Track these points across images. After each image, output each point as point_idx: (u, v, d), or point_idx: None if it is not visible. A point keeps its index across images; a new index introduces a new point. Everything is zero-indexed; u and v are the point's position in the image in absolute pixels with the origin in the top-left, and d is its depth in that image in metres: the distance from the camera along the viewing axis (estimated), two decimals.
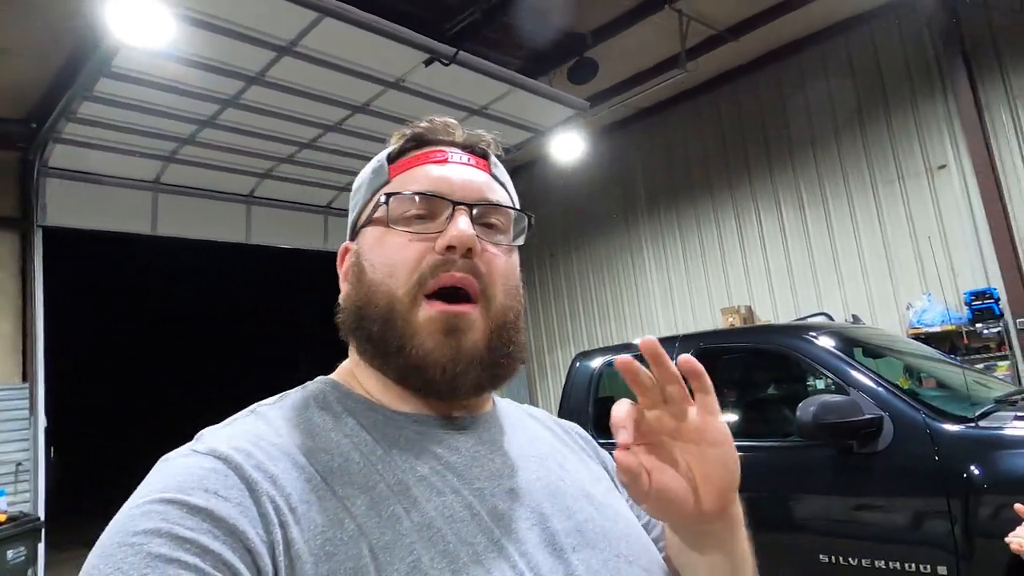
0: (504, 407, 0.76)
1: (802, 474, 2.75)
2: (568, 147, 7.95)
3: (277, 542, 0.50)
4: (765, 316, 8.27)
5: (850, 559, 2.51)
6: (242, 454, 0.55)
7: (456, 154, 0.71)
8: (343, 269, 0.71)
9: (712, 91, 8.68)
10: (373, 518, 0.54)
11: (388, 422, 0.63)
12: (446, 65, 5.63)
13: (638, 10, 6.55)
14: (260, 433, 0.58)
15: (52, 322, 6.61)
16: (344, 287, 0.70)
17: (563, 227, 10.62)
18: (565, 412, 3.74)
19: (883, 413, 2.51)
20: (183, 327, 14.20)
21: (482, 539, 0.56)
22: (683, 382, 0.56)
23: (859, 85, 7.58)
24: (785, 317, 7.92)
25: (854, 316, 4.10)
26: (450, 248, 0.63)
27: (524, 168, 10.79)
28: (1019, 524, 1.57)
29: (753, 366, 4.08)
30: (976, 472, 2.27)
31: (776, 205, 8.26)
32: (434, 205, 0.66)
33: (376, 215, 0.68)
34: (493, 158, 0.76)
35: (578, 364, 3.88)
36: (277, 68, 5.44)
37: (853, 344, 3.25)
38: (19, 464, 6.16)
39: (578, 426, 0.83)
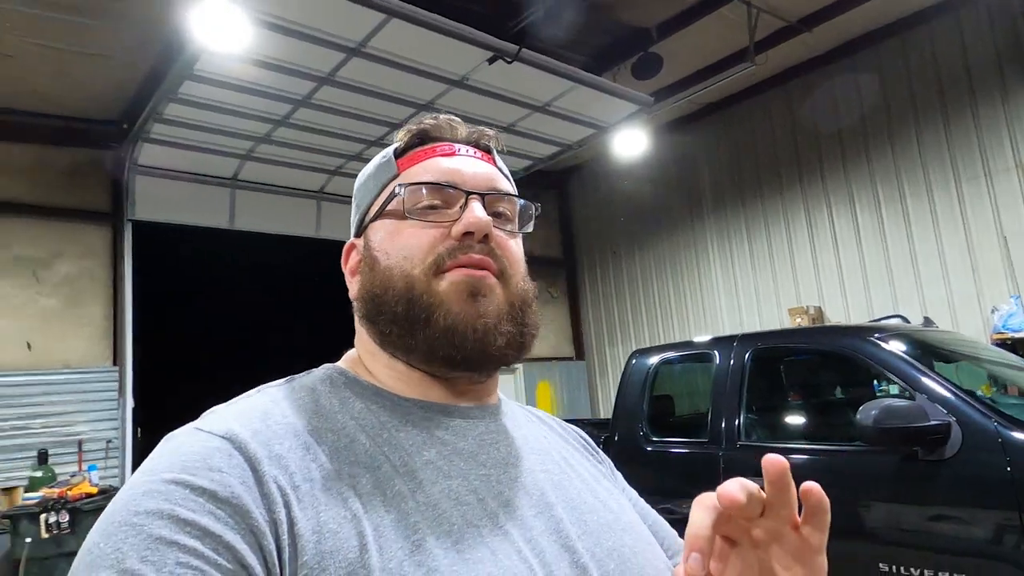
0: (509, 404, 0.76)
1: (864, 480, 2.67)
2: (631, 143, 7.88)
3: (280, 521, 0.50)
4: (836, 317, 7.97)
5: (912, 570, 2.42)
6: (247, 432, 0.55)
7: (462, 147, 0.72)
8: (350, 266, 0.72)
9: (782, 84, 8.41)
10: (377, 497, 0.54)
11: (395, 406, 0.63)
12: (509, 63, 5.69)
13: (705, 3, 6.42)
14: (266, 411, 0.58)
15: (140, 310, 7.07)
16: (355, 282, 0.70)
17: (626, 224, 10.53)
18: (620, 409, 3.74)
19: (951, 419, 2.40)
20: (258, 316, 14.85)
21: (487, 523, 0.56)
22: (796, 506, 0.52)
23: (943, 76, 7.19)
24: (858, 319, 7.61)
25: (926, 319, 3.92)
26: (467, 234, 0.64)
27: (586, 165, 10.76)
28: None
29: (816, 368, 3.97)
30: None
31: (850, 202, 7.94)
32: (447, 195, 0.67)
33: (389, 207, 0.68)
34: (495, 152, 0.77)
35: (634, 361, 3.87)
36: (347, 69, 5.63)
37: (923, 348, 3.12)
38: (109, 441, 6.63)
39: (579, 429, 0.85)
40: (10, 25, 5.39)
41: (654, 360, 3.80)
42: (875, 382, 3.68)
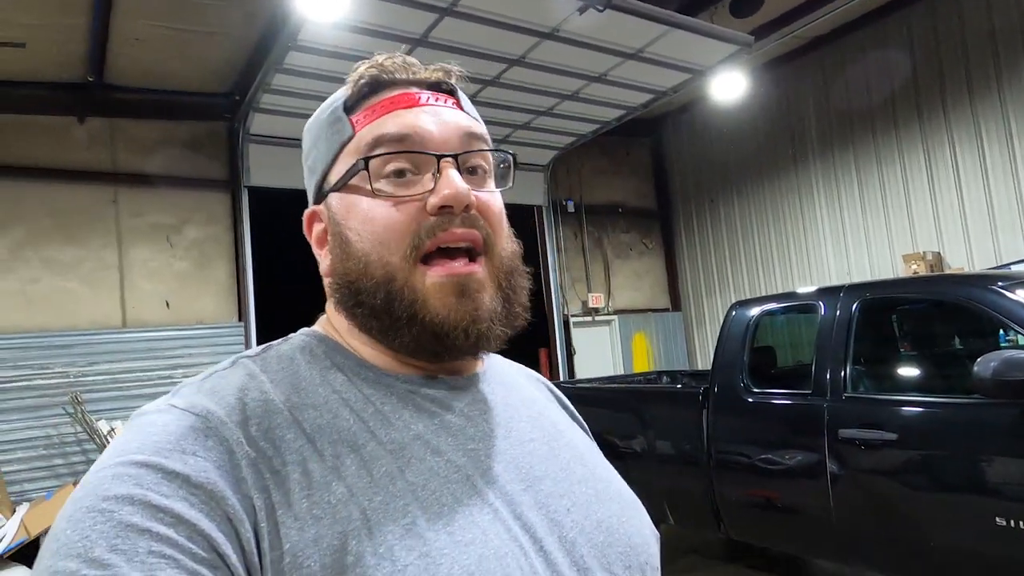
0: (497, 365, 0.71)
1: (981, 433, 2.58)
2: (730, 86, 7.54)
3: (259, 507, 0.48)
4: (957, 264, 7.44)
5: None
6: (223, 410, 0.52)
7: (423, 94, 0.62)
8: (315, 237, 0.65)
9: (901, 10, 7.73)
10: (364, 478, 0.51)
11: (379, 380, 0.59)
12: (601, 11, 5.57)
13: None
14: (243, 387, 0.55)
15: (258, 270, 7.64)
16: (325, 258, 0.64)
17: (723, 171, 10.16)
18: (720, 361, 3.74)
19: None
20: None
21: (477, 501, 0.54)
22: None
23: None
24: (982, 265, 7.07)
25: None
26: (444, 208, 0.58)
27: (681, 111, 10.40)
28: None
29: (931, 319, 3.79)
30: None
31: (977, 137, 7.29)
32: (416, 159, 0.59)
33: (352, 181, 0.60)
34: (460, 92, 0.67)
35: (734, 313, 3.83)
36: (439, 29, 5.71)
37: None
38: None
39: (545, 379, 0.81)
40: (141, 12, 5.84)
41: (755, 311, 3.75)
42: (1000, 333, 3.48)
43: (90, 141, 7.03)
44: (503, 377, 0.70)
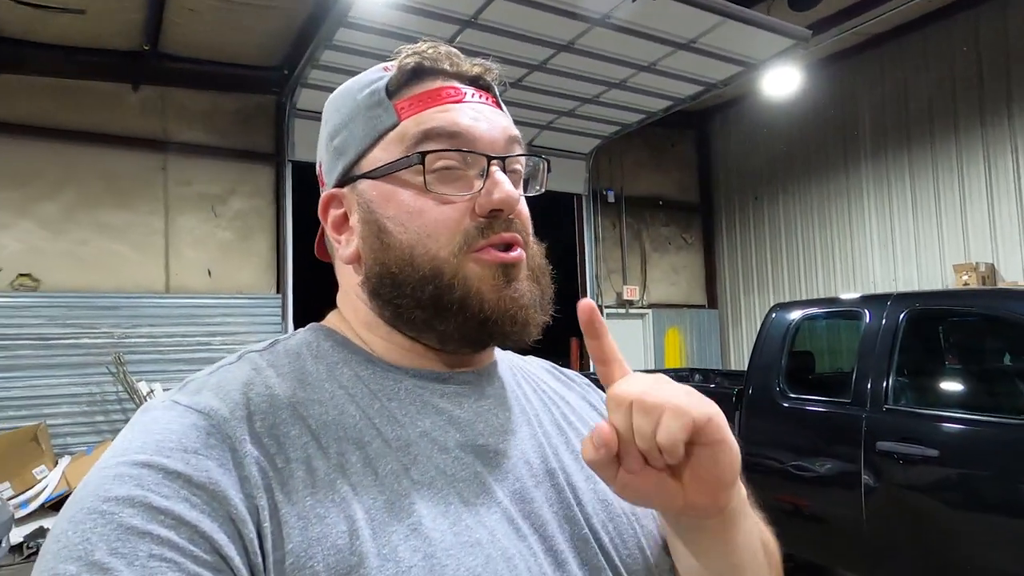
0: (507, 358, 0.70)
1: None
2: (783, 81, 7.34)
3: (263, 507, 0.47)
4: (1012, 277, 7.16)
5: None
6: (227, 407, 0.51)
7: (468, 90, 0.61)
8: (333, 221, 0.62)
9: (968, 9, 7.41)
10: (369, 476, 0.51)
11: (386, 374, 0.58)
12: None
13: None
14: (248, 382, 0.54)
15: (300, 244, 7.75)
16: (347, 245, 0.61)
17: (770, 168, 9.93)
18: (756, 363, 3.67)
19: None
20: None
21: (485, 499, 0.53)
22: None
23: None
24: None
25: None
26: (494, 211, 0.57)
27: (730, 104, 10.18)
28: None
29: (982, 333, 3.65)
30: None
31: None
32: (465, 158, 0.58)
33: (401, 173, 0.58)
34: (496, 90, 0.66)
35: (774, 315, 3.75)
36: (489, 11, 5.67)
37: None
38: None
39: (580, 375, 0.79)
40: None
41: (796, 315, 3.66)
42: None
43: (142, 109, 7.19)
44: (515, 369, 0.69)
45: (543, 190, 0.66)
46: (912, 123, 8.12)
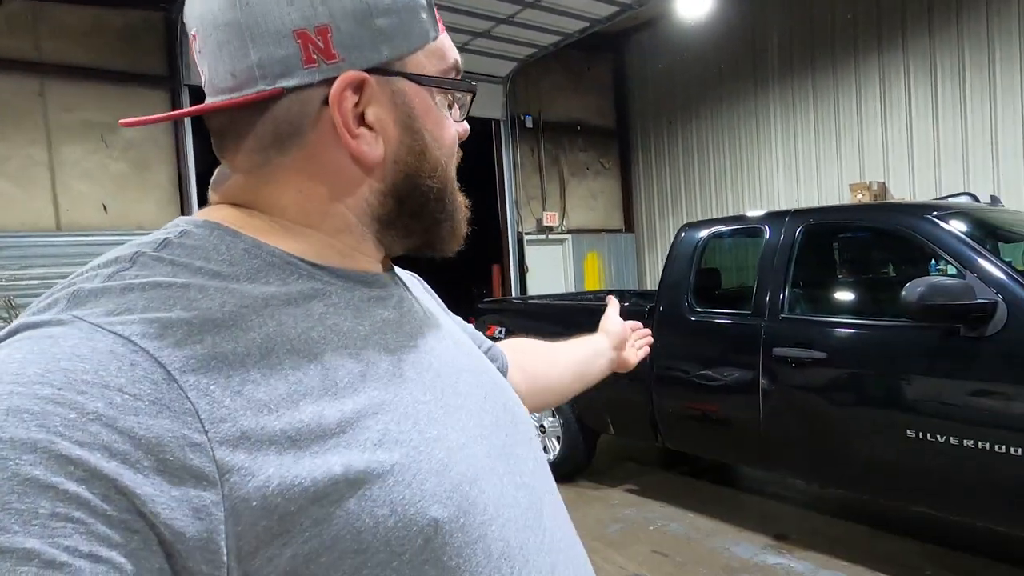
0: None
1: (903, 354, 2.74)
2: (695, 4, 7.37)
3: (216, 443, 0.40)
4: (900, 194, 7.68)
5: (937, 436, 2.55)
6: (150, 325, 0.42)
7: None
8: (349, 111, 0.52)
9: None
10: (330, 389, 0.46)
11: (313, 277, 0.52)
12: None
13: None
14: (168, 296, 0.44)
15: (206, 174, 7.33)
16: (381, 147, 0.54)
17: (684, 92, 10.07)
18: (667, 280, 3.83)
19: (998, 298, 2.42)
20: None
21: (439, 395, 0.54)
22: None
23: None
24: (924, 196, 7.32)
25: (993, 197, 3.77)
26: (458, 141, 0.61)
27: (645, 27, 10.14)
28: None
29: (870, 246, 3.93)
30: None
31: (932, 69, 7.37)
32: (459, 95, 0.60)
33: (445, 91, 0.58)
34: None
35: (684, 234, 3.89)
36: None
37: (985, 228, 3.05)
38: None
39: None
40: None
41: (704, 233, 3.82)
42: (932, 262, 3.64)
43: (9, 25, 6.45)
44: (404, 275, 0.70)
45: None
46: (816, 48, 8.37)
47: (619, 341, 1.13)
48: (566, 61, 10.12)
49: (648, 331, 1.23)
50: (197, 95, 7.22)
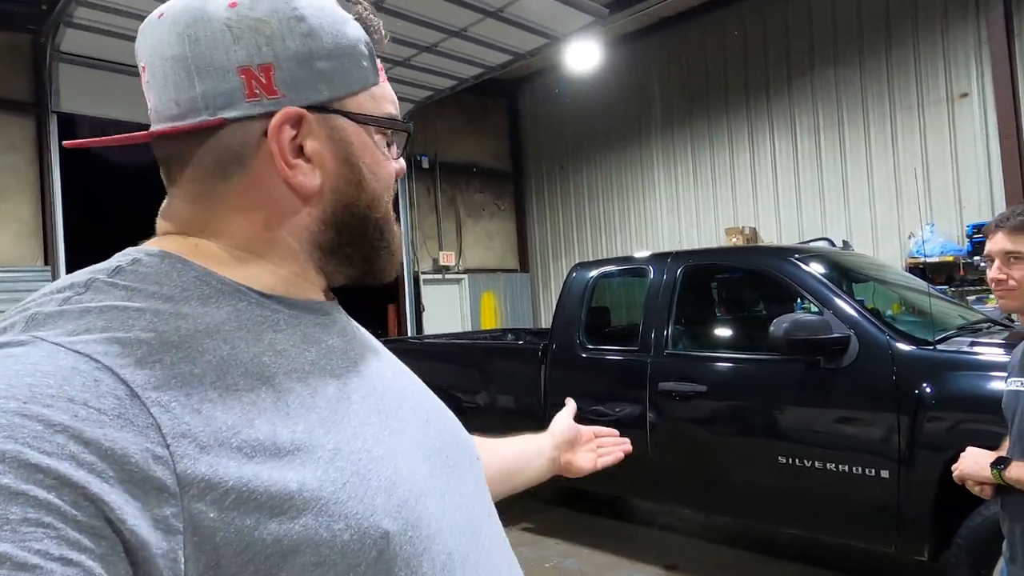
0: None
1: (773, 386, 2.97)
2: (584, 56, 7.79)
3: (179, 456, 0.41)
4: (768, 238, 8.35)
5: (805, 461, 2.76)
6: (111, 345, 0.43)
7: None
8: (287, 143, 0.55)
9: (736, 3, 8.37)
10: (283, 410, 0.48)
11: (261, 305, 0.54)
12: None
13: None
14: (126, 318, 0.46)
15: (72, 206, 6.80)
16: (318, 178, 0.57)
17: (575, 138, 10.54)
18: (559, 319, 3.95)
19: (850, 333, 2.68)
20: None
21: (380, 420, 0.56)
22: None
23: (891, 4, 7.30)
24: (788, 240, 8.01)
25: (844, 242, 4.21)
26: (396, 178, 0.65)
27: (538, 76, 10.57)
28: (959, 447, 1.71)
29: (743, 286, 4.25)
30: (927, 390, 2.46)
31: (791, 126, 8.16)
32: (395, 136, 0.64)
33: (374, 128, 0.60)
34: None
35: (575, 274, 4.05)
36: None
37: (839, 269, 3.39)
38: None
39: None
40: None
41: (594, 273, 3.98)
42: (799, 300, 3.98)
43: None
44: None
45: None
46: (694, 101, 9.06)
47: (565, 443, 1.05)
48: (463, 104, 10.34)
49: (625, 440, 1.13)
50: (65, 123, 6.76)
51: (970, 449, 1.61)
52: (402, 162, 0.65)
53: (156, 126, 0.56)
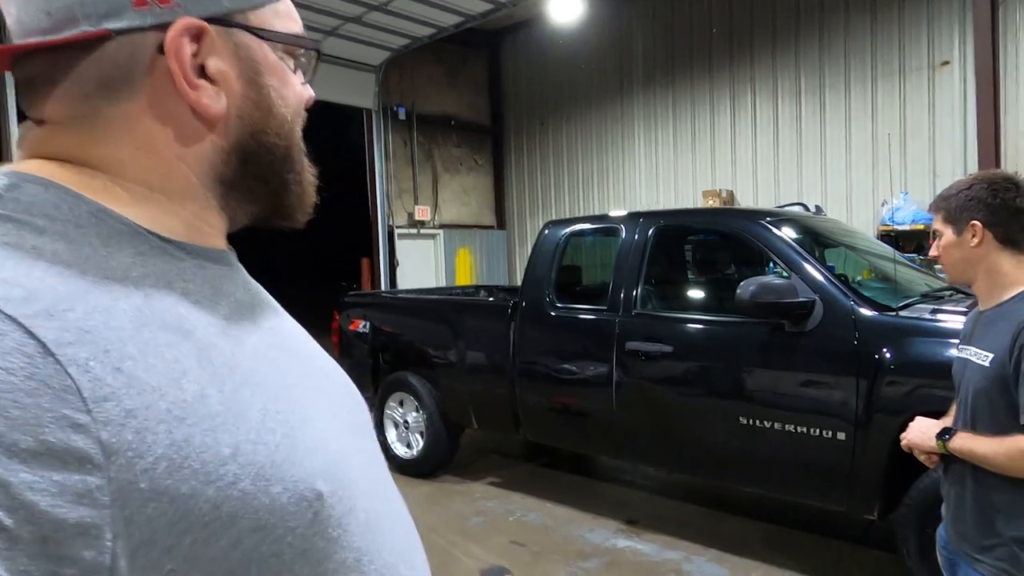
0: None
1: (738, 347, 2.99)
2: (567, 9, 7.59)
3: (96, 422, 0.36)
4: (745, 201, 8.37)
5: (765, 422, 2.80)
6: (16, 291, 0.38)
7: None
8: (188, 60, 0.48)
9: None
10: (207, 368, 0.43)
11: (164, 252, 0.48)
12: None
13: None
14: (23, 258, 0.40)
15: None
16: (223, 101, 0.50)
17: (555, 94, 10.36)
18: (529, 277, 3.92)
19: (815, 297, 2.70)
20: None
21: (299, 379, 0.53)
22: None
23: None
24: (765, 203, 8.02)
25: (817, 207, 4.22)
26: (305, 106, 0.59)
27: (520, 28, 10.31)
28: (914, 411, 1.74)
29: (715, 248, 4.24)
30: (887, 355, 2.49)
31: (774, 91, 8.09)
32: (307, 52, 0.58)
33: (283, 47, 0.55)
34: None
35: (547, 232, 4.00)
36: None
37: (810, 234, 3.39)
38: None
39: None
40: None
41: (565, 231, 3.94)
42: (770, 264, 3.99)
43: None
44: None
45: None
46: (676, 60, 8.92)
47: None
48: (441, 55, 10.07)
49: None
50: None
51: (918, 419, 1.64)
52: (311, 90, 0.58)
53: (21, 40, 0.47)
